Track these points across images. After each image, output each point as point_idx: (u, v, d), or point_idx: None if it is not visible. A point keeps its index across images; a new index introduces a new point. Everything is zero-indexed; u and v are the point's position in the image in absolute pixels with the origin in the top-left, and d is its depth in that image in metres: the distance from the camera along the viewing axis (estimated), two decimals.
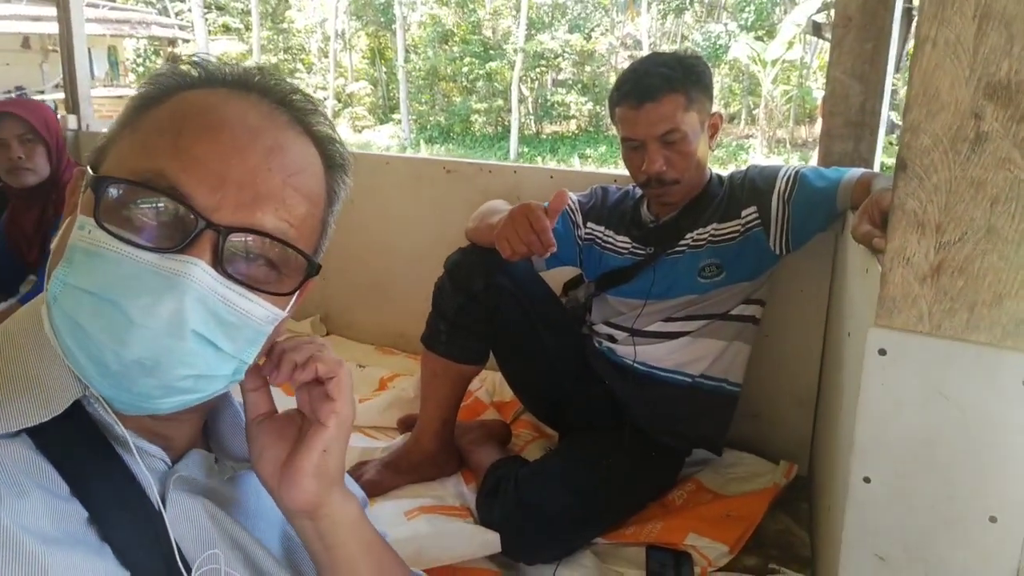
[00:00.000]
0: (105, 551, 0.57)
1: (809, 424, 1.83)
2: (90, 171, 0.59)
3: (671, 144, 1.54)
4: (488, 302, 1.62)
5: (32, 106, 2.28)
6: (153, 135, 0.59)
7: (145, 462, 0.61)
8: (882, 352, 0.77)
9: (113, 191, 0.56)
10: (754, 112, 17.40)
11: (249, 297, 0.59)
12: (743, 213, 1.59)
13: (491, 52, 18.67)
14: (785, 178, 1.55)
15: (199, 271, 0.55)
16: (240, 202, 0.58)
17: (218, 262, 0.57)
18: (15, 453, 0.56)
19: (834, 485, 1.13)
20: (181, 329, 0.55)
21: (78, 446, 0.58)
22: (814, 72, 15.48)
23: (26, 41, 14.30)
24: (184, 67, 0.63)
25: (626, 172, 1.82)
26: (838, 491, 1.01)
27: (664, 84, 1.52)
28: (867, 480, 0.80)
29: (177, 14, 19.66)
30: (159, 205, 0.56)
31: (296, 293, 0.64)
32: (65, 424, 0.58)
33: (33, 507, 0.54)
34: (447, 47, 19.43)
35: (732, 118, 18.67)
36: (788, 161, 13.72)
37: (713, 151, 1.66)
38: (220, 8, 20.41)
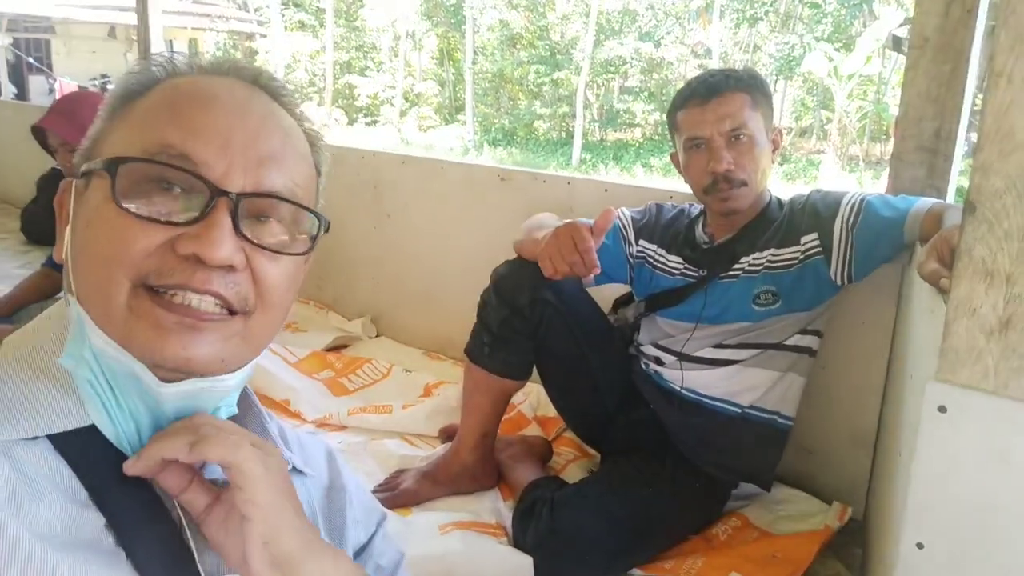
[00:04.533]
0: (120, 559, 0.57)
1: (867, 465, 1.74)
2: (83, 170, 0.61)
3: (738, 142, 1.50)
4: (533, 317, 1.60)
5: (74, 112, 2.30)
6: (149, 116, 0.60)
7: None
8: (942, 409, 0.71)
9: (126, 171, 0.57)
10: (826, 127, 16.94)
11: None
12: (803, 240, 1.52)
13: (558, 57, 18.64)
14: (849, 205, 1.48)
15: None
16: (247, 164, 0.59)
17: (236, 228, 0.58)
18: (35, 456, 0.57)
19: (887, 543, 1.06)
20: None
21: (99, 452, 0.59)
22: (892, 88, 14.96)
23: (112, 31, 14.95)
24: (154, 68, 0.64)
25: (683, 188, 1.77)
26: (889, 553, 0.95)
27: (731, 82, 1.51)
28: (920, 546, 0.74)
29: (256, 10, 20.25)
30: (171, 180, 0.58)
31: (308, 257, 0.66)
32: (87, 429, 0.59)
33: (49, 512, 0.54)
34: (515, 51, 19.48)
35: (803, 132, 18.22)
36: (860, 179, 13.31)
37: (774, 163, 1.61)
38: (297, 5, 20.93)
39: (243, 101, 0.62)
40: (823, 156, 15.95)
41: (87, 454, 0.58)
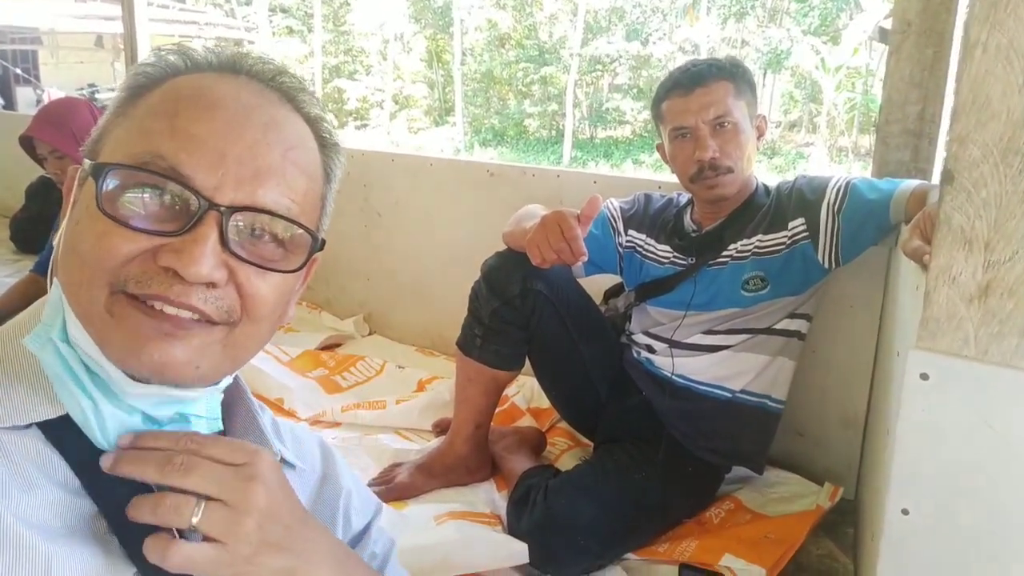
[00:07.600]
0: (112, 545, 0.57)
1: (857, 446, 1.75)
2: (87, 162, 0.59)
3: (722, 130, 1.51)
4: (524, 307, 1.60)
5: (62, 119, 2.29)
6: (148, 119, 0.58)
7: None
8: (924, 376, 0.72)
9: (113, 178, 0.56)
10: (815, 119, 16.99)
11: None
12: (790, 225, 1.53)
13: (547, 56, 18.65)
14: (835, 189, 1.49)
15: None
16: (241, 178, 0.57)
17: (223, 243, 0.56)
18: (25, 445, 0.56)
19: (875, 513, 1.07)
20: None
21: (87, 439, 0.58)
22: (880, 79, 14.99)
23: (99, 40, 14.90)
24: (170, 57, 0.62)
25: (671, 179, 1.78)
26: (877, 521, 0.96)
27: (714, 70, 1.53)
28: (905, 512, 0.75)
29: (243, 17, 20.17)
30: (160, 189, 0.56)
31: (303, 271, 0.64)
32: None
33: (40, 500, 0.54)
34: (503, 51, 19.48)
35: (792, 125, 18.26)
36: (850, 170, 13.35)
37: (759, 149, 1.62)
38: (284, 11, 20.87)
39: (247, 109, 0.59)
40: (812, 149, 16.00)
41: (76, 441, 0.58)
